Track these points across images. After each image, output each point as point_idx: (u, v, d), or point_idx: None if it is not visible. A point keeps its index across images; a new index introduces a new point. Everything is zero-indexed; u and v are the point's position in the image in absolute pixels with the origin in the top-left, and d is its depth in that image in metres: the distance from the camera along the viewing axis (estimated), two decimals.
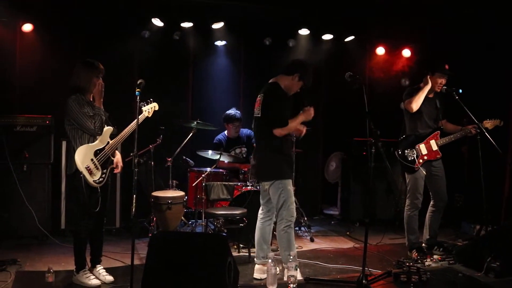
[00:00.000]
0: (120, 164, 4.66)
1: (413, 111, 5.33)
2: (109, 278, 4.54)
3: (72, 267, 4.54)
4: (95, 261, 4.64)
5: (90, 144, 4.38)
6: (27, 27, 6.49)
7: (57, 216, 6.18)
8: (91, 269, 4.59)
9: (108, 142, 4.49)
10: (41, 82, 6.50)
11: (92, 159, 4.35)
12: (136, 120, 4.15)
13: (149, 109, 4.70)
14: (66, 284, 4.46)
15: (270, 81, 4.79)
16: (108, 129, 4.52)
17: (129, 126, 4.48)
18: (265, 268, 4.56)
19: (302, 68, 4.73)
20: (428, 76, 5.38)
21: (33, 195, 5.97)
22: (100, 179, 4.39)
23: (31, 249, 5.60)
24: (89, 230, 4.46)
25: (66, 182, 6.13)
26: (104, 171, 4.46)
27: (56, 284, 4.41)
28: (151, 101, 4.75)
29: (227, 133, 6.87)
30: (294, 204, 4.68)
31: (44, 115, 6.12)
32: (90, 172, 4.33)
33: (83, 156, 4.31)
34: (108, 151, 4.46)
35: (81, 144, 4.35)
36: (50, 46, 6.46)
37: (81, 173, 4.28)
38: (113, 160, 4.59)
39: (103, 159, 4.43)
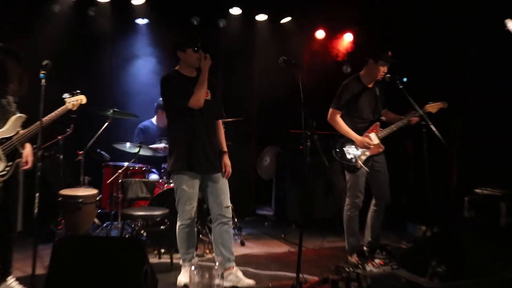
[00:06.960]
0: (30, 158, 4.27)
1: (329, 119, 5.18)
2: None
3: None
4: (4, 272, 4.25)
5: None
6: None
7: None
8: (1, 283, 4.21)
9: (18, 132, 4.14)
10: None
11: None
12: (55, 112, 4.14)
13: (74, 101, 4.48)
14: None
15: None
16: (18, 117, 4.15)
17: (47, 117, 4.20)
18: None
19: None
20: (370, 63, 5.13)
21: None
22: (3, 172, 4.01)
23: None
24: None
25: None
26: (10, 163, 4.06)
27: None
28: (78, 93, 4.55)
29: (156, 121, 6.66)
30: (191, 205, 4.41)
31: None
32: None
33: None
34: (15, 142, 4.10)
35: None
36: None
37: None
38: (21, 154, 4.19)
39: (9, 150, 4.07)
